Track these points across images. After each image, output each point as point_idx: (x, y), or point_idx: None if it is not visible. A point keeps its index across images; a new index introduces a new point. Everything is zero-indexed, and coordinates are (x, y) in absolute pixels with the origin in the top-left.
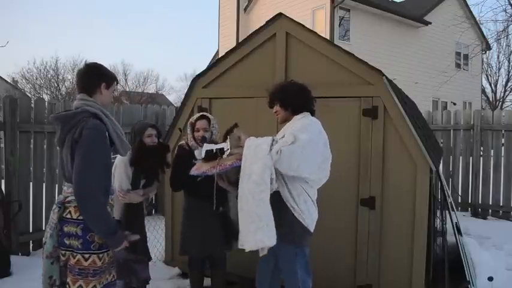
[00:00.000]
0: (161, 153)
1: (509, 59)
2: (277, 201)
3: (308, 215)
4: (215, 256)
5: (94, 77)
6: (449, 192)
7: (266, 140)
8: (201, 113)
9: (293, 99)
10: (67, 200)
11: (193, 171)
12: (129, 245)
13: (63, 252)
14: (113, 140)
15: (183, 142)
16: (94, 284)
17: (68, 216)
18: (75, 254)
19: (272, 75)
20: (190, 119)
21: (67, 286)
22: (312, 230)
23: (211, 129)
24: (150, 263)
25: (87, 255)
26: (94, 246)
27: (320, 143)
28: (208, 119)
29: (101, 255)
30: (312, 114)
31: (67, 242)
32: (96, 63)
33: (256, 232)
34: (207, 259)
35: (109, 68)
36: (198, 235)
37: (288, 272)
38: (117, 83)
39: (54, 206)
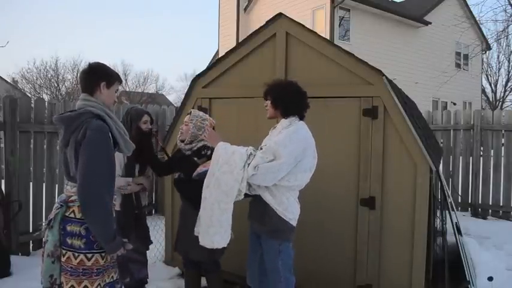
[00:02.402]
0: (150, 138)
1: (509, 59)
2: (259, 202)
3: (290, 211)
4: (212, 260)
5: (94, 76)
6: (449, 192)
7: (242, 151)
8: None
9: (285, 101)
10: (71, 199)
11: (194, 175)
12: (125, 251)
13: (64, 252)
14: (116, 140)
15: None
16: (98, 282)
17: (72, 215)
18: (76, 254)
19: (272, 75)
20: None
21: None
22: (294, 225)
23: (189, 123)
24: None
25: (89, 255)
26: (97, 245)
27: (302, 153)
28: (190, 113)
29: (103, 254)
30: (301, 118)
31: (69, 241)
32: (97, 63)
33: (214, 235)
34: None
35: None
36: (184, 236)
37: (271, 269)
38: (120, 82)
39: (57, 204)
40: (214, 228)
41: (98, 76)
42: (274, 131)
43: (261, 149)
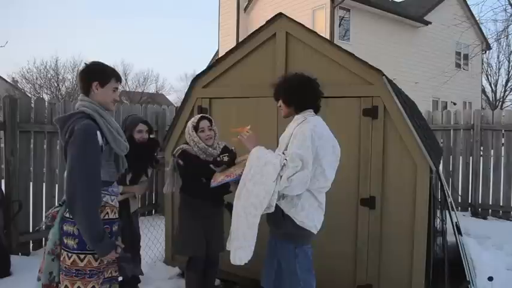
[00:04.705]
0: (150, 149)
1: (509, 59)
2: (277, 206)
3: (311, 218)
4: (214, 254)
5: (85, 76)
6: (449, 192)
7: (275, 162)
8: (200, 115)
9: (297, 96)
10: None
11: (213, 183)
12: (118, 254)
13: (62, 251)
14: (107, 140)
15: (186, 147)
16: (93, 284)
17: (67, 215)
18: (70, 254)
19: (272, 75)
20: (191, 122)
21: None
22: (314, 232)
23: (213, 128)
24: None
25: (82, 256)
26: (89, 246)
27: (322, 151)
28: (209, 119)
29: (96, 256)
30: (317, 110)
31: (65, 241)
32: (93, 62)
33: (237, 250)
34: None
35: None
36: (203, 234)
37: (288, 272)
38: (118, 80)
39: (57, 204)
40: (239, 242)
41: (90, 76)
42: (288, 128)
43: (284, 153)
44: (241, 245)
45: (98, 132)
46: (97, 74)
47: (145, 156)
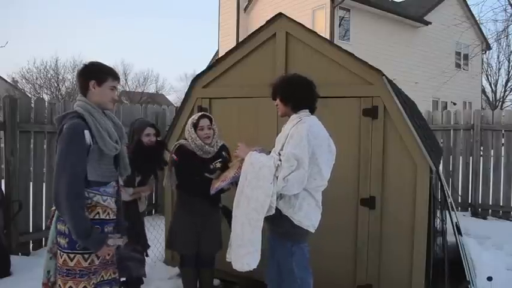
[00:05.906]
0: (158, 151)
1: (509, 59)
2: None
3: (308, 217)
4: (208, 254)
5: (82, 76)
6: (449, 192)
7: (270, 164)
8: (201, 113)
9: (294, 95)
10: None
11: (212, 191)
12: (111, 252)
13: (57, 250)
14: (96, 139)
15: (184, 142)
16: (84, 285)
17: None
18: (62, 253)
19: (272, 75)
20: (191, 119)
21: (58, 287)
22: (312, 231)
23: (213, 127)
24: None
25: (72, 255)
26: (79, 246)
27: (318, 150)
28: (210, 118)
29: (86, 256)
30: (312, 110)
31: (59, 239)
32: (90, 62)
33: (245, 256)
34: (197, 257)
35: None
36: (195, 233)
37: (285, 270)
38: (115, 78)
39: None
40: (246, 249)
41: (87, 76)
42: (284, 129)
43: (279, 154)
44: (248, 251)
45: (87, 132)
46: (94, 73)
47: (154, 158)
